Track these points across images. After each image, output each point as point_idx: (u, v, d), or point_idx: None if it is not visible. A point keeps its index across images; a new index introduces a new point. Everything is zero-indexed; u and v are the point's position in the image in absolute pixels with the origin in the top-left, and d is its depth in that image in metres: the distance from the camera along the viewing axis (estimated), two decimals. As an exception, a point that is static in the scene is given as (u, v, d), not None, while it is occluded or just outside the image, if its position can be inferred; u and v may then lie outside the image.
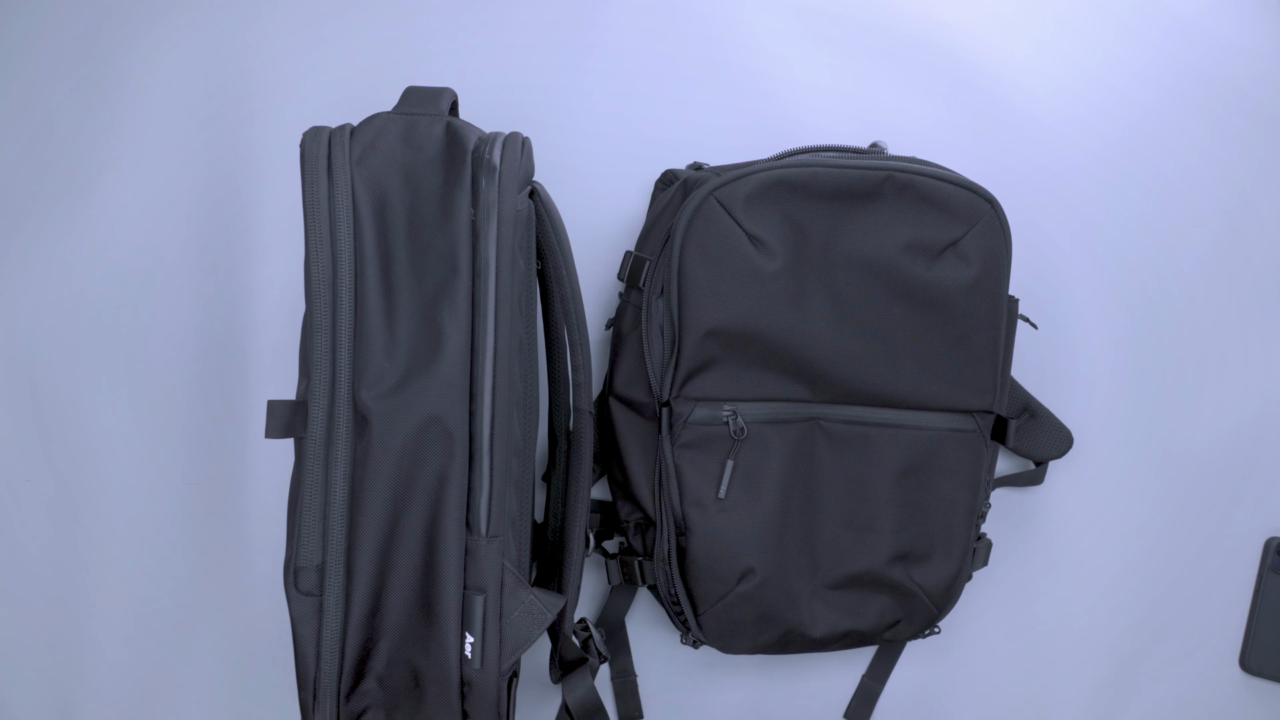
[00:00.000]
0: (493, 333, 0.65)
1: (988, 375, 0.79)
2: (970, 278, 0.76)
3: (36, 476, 0.88)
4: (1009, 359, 0.83)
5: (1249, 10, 0.93)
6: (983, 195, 0.76)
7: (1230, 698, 0.94)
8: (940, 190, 0.75)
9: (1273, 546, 0.93)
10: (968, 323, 0.77)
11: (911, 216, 0.75)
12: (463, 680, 0.66)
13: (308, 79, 0.88)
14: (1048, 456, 0.90)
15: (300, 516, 0.65)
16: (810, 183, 0.74)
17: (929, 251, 0.76)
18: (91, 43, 0.88)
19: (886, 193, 0.75)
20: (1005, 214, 0.78)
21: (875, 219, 0.75)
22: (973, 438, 0.79)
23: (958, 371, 0.78)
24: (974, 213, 0.76)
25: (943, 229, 0.76)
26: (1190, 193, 0.93)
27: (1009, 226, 0.80)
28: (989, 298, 0.77)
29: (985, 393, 0.79)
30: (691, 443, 0.76)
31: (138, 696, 0.89)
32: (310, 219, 0.65)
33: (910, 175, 0.75)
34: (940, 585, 0.81)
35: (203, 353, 0.88)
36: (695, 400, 0.76)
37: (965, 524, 0.80)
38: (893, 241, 0.75)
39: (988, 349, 0.78)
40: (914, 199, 0.75)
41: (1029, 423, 0.89)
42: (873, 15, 0.90)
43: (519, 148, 0.67)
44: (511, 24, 0.89)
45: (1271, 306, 0.93)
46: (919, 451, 0.78)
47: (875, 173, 0.74)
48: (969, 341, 0.77)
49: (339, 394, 0.65)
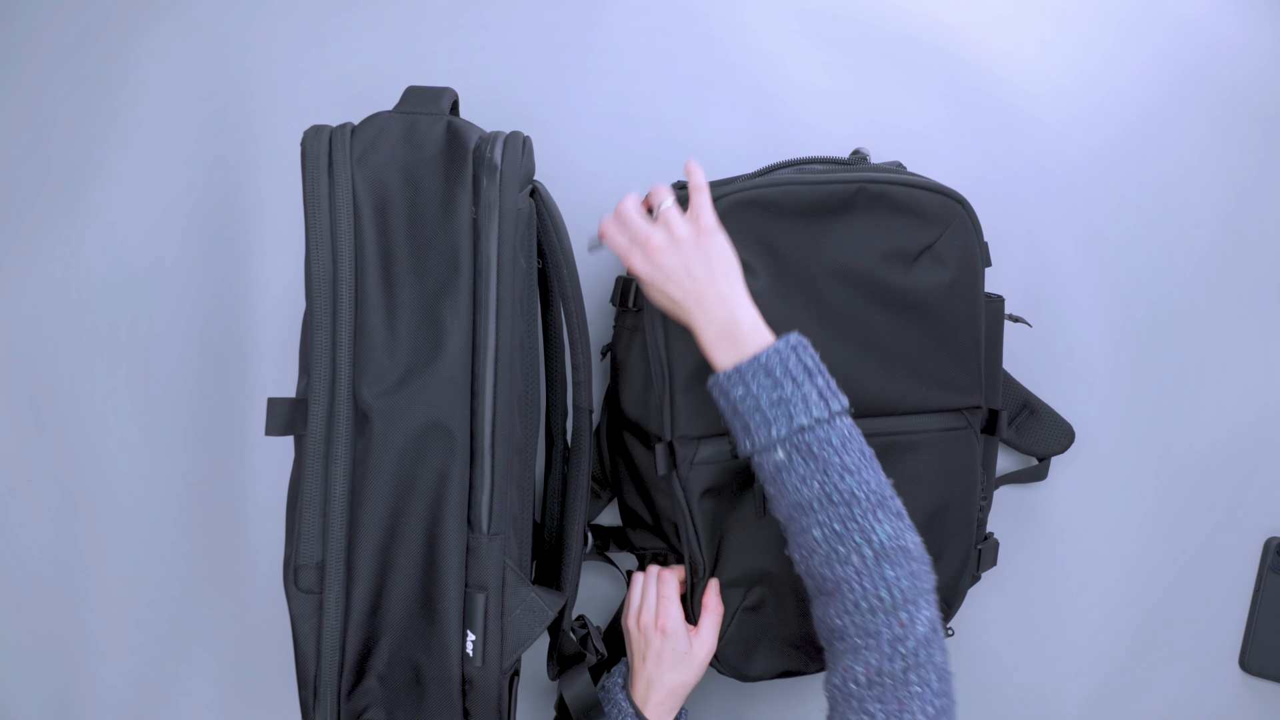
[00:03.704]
0: (494, 331, 0.65)
1: (972, 372, 0.79)
2: (947, 279, 0.77)
3: (36, 476, 0.88)
4: (997, 355, 0.83)
5: (1249, 10, 0.93)
6: (953, 197, 0.77)
7: (1230, 698, 0.94)
8: (912, 197, 0.76)
9: (1273, 546, 0.93)
10: (949, 322, 0.78)
11: (886, 225, 0.76)
12: (464, 678, 0.66)
13: (308, 79, 0.88)
14: (1050, 452, 0.90)
15: (300, 514, 0.65)
16: (783, 200, 0.74)
17: (906, 257, 0.76)
18: (91, 43, 0.88)
19: (860, 204, 0.75)
20: (975, 212, 0.79)
21: (851, 230, 0.75)
22: (965, 435, 0.80)
23: (944, 372, 0.78)
24: (946, 215, 0.77)
25: (917, 234, 0.76)
26: (1190, 193, 0.93)
27: (979, 224, 0.81)
28: (967, 296, 0.78)
29: (972, 390, 0.79)
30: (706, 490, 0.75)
31: (138, 696, 0.89)
32: (311, 217, 0.65)
33: (881, 185, 0.75)
34: (949, 581, 0.81)
35: (203, 351, 0.88)
36: (697, 439, 0.75)
37: (967, 520, 0.80)
38: (870, 251, 0.75)
39: (970, 346, 0.79)
40: (887, 208, 0.76)
41: (1029, 419, 0.89)
42: (872, 15, 0.90)
43: (520, 147, 0.67)
44: (512, 24, 0.89)
45: (1271, 306, 0.93)
46: (916, 455, 0.78)
47: (847, 186, 0.74)
48: (952, 341, 0.78)
49: (339, 392, 0.65)
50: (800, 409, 0.64)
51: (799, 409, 0.64)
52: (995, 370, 0.84)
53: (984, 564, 0.86)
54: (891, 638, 0.60)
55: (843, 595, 0.62)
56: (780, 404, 0.65)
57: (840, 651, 0.63)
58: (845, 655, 0.62)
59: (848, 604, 0.62)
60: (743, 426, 0.67)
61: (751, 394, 0.65)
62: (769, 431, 0.65)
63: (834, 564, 0.63)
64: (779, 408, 0.65)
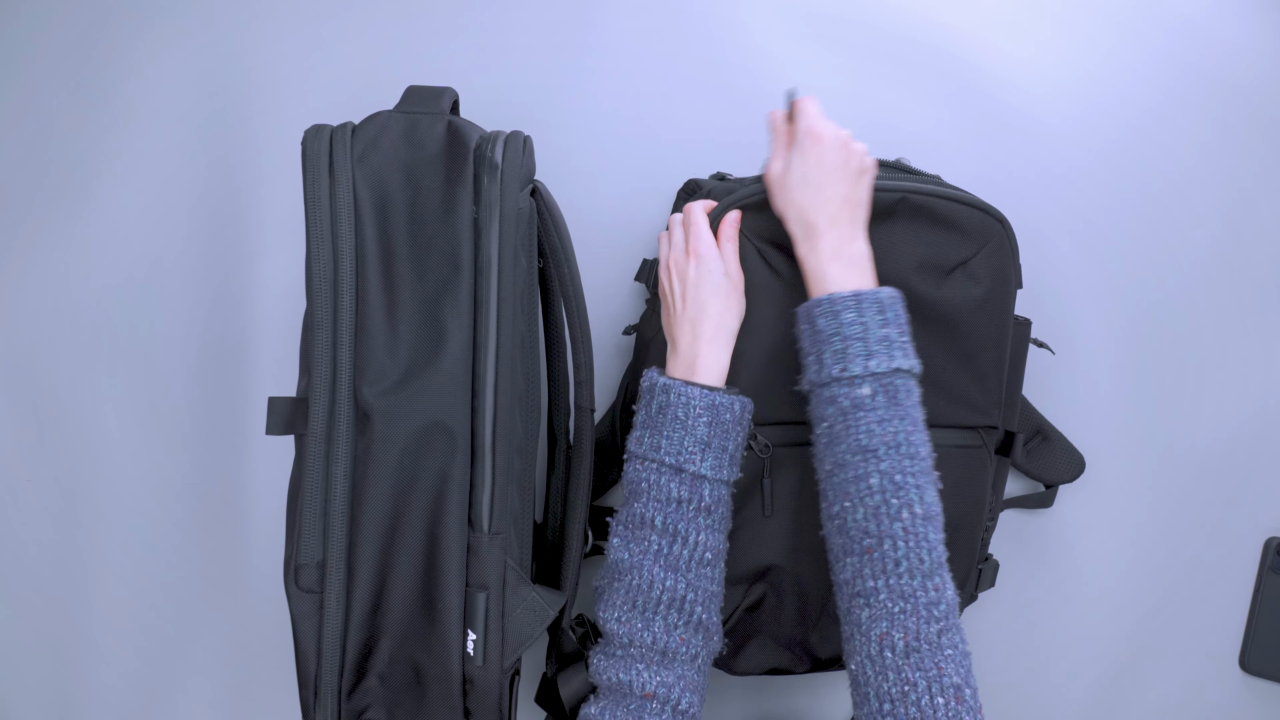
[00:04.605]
0: (495, 330, 0.65)
1: (993, 392, 0.78)
2: (979, 296, 0.76)
3: (36, 477, 0.88)
4: (1018, 378, 0.82)
5: (1249, 10, 0.93)
6: (994, 215, 0.76)
7: (1230, 698, 0.94)
8: (954, 212, 0.75)
9: (1273, 546, 0.93)
10: (974, 340, 0.77)
11: (924, 237, 0.75)
12: (465, 678, 0.66)
13: (308, 79, 0.88)
14: (1059, 480, 0.90)
15: (301, 513, 0.65)
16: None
17: (939, 270, 0.76)
18: (91, 43, 0.88)
19: (901, 213, 0.75)
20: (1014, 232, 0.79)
21: (889, 238, 0.75)
22: (979, 454, 0.79)
23: (963, 389, 0.78)
24: (985, 233, 0.76)
25: (954, 249, 0.76)
26: (1190, 193, 0.93)
27: (1017, 245, 0.80)
28: (996, 315, 0.77)
29: (990, 410, 0.79)
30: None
31: (138, 696, 0.89)
32: (311, 216, 0.65)
33: (924, 197, 0.75)
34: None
35: (203, 351, 0.88)
36: None
37: (972, 540, 0.80)
38: (905, 260, 0.75)
39: (993, 367, 0.78)
40: (927, 220, 0.75)
41: (1041, 445, 0.89)
42: (873, 16, 0.91)
43: (520, 146, 0.67)
44: (512, 24, 0.89)
45: (1271, 306, 0.94)
46: None
47: (890, 194, 0.74)
48: (975, 359, 0.77)
49: (340, 391, 0.65)
50: (900, 353, 0.65)
51: (899, 352, 0.65)
52: (1015, 393, 0.83)
53: (983, 584, 0.85)
54: (928, 601, 0.60)
55: (882, 554, 0.61)
56: (885, 342, 0.65)
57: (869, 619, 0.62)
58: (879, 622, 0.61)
59: (887, 563, 0.61)
60: (834, 352, 0.66)
61: (860, 321, 0.65)
62: (865, 363, 0.64)
63: (882, 518, 0.62)
64: (884, 345, 0.65)
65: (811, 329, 0.67)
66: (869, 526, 0.62)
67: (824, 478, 0.67)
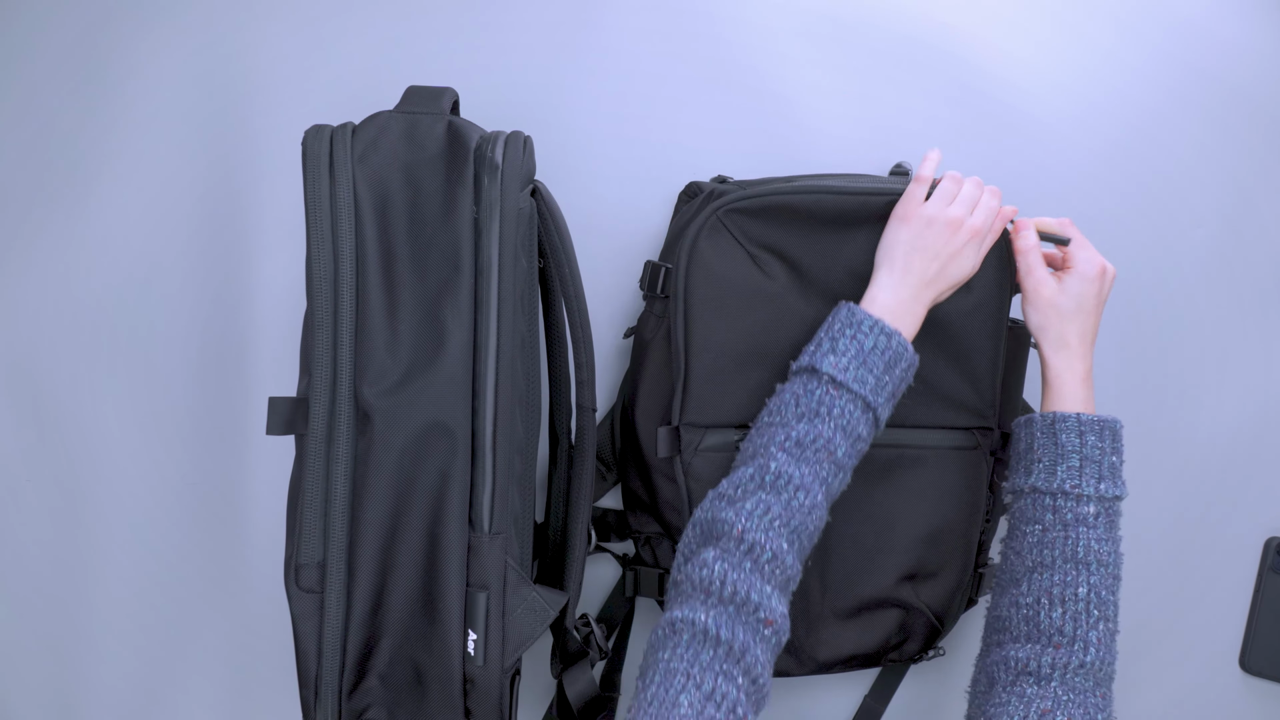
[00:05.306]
0: (495, 330, 0.65)
1: (986, 394, 0.79)
2: (971, 302, 0.77)
3: (36, 477, 0.88)
4: (1016, 380, 0.83)
5: (1249, 10, 0.93)
6: None
7: (1230, 698, 0.94)
8: None
9: (1273, 546, 0.93)
10: (965, 343, 0.77)
11: None
12: (465, 677, 0.66)
13: (308, 79, 0.88)
14: None
15: (301, 513, 0.65)
16: (814, 209, 0.74)
17: None
18: (91, 43, 0.88)
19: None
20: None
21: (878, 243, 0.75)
22: (975, 456, 0.79)
23: (955, 390, 0.78)
24: None
25: None
26: (1190, 193, 0.93)
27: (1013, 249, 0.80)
28: (989, 320, 0.78)
29: (985, 410, 0.79)
30: (702, 475, 0.76)
31: (138, 696, 0.89)
32: (312, 216, 0.65)
33: None
34: (944, 599, 0.81)
35: (203, 351, 0.88)
36: (705, 428, 0.76)
37: (968, 542, 0.80)
38: None
39: (986, 369, 0.79)
40: None
41: None
42: (873, 16, 0.91)
43: (521, 146, 0.67)
44: (512, 24, 0.89)
45: (1271, 306, 0.94)
46: (923, 471, 0.78)
47: (879, 198, 0.74)
48: (966, 361, 0.78)
49: (340, 391, 0.65)
50: (1121, 483, 0.70)
51: (1120, 481, 0.70)
52: (1013, 395, 0.83)
53: (982, 589, 0.85)
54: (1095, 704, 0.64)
55: (1070, 653, 0.65)
56: (1113, 470, 0.70)
57: (1035, 694, 0.65)
58: (1044, 700, 0.64)
59: (1071, 662, 0.65)
60: (1070, 468, 0.69)
61: (1100, 446, 0.70)
62: (1096, 485, 0.69)
63: (1080, 623, 0.66)
64: (1112, 472, 0.70)
65: (1051, 440, 0.71)
66: (1064, 627, 0.66)
67: (1023, 571, 0.70)
